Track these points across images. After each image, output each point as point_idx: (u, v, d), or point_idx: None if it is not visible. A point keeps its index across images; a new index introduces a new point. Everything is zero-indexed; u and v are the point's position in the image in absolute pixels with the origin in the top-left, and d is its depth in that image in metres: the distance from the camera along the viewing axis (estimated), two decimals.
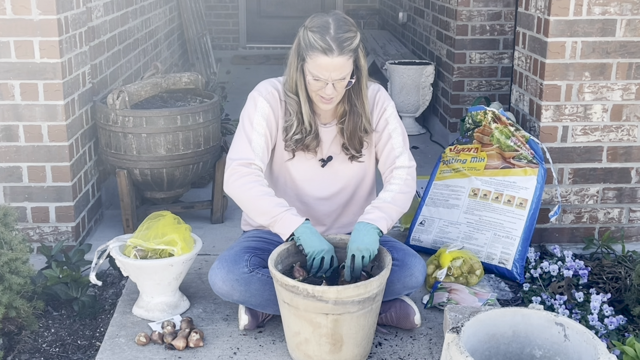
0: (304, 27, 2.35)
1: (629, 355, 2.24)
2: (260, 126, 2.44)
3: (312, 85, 2.36)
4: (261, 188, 2.37)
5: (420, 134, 5.42)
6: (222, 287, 2.46)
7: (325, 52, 2.27)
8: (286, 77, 2.45)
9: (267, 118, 2.46)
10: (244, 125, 2.46)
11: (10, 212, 2.57)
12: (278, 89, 2.49)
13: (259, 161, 2.42)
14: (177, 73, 3.76)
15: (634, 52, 3.09)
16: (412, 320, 2.53)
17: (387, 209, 2.40)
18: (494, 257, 3.03)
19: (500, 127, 3.21)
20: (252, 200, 2.37)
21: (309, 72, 2.34)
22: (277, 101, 2.48)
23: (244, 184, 2.37)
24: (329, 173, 2.57)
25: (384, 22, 8.43)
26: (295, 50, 2.38)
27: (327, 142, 2.53)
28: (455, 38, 4.75)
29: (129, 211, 3.37)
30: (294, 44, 2.38)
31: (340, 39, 2.28)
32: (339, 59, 2.28)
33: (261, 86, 2.51)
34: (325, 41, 2.27)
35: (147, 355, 2.42)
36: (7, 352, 2.48)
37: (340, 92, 2.38)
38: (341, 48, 2.28)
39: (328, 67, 2.29)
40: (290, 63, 2.41)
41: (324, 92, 2.34)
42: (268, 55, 8.83)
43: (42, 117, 3.05)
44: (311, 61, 2.31)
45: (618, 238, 3.28)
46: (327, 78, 2.31)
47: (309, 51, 2.30)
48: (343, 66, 2.30)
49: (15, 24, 2.93)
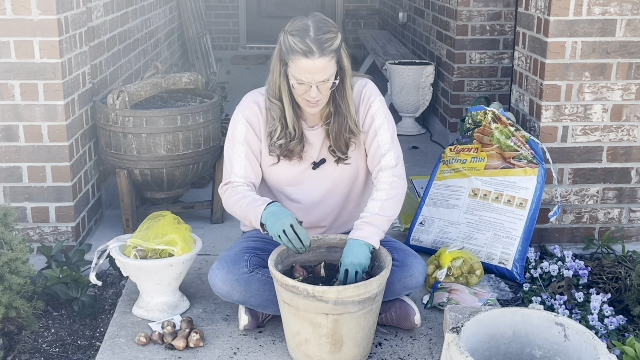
0: (283, 32, 2.34)
1: (629, 355, 2.24)
2: (239, 148, 2.49)
3: (296, 90, 2.35)
4: (236, 197, 2.42)
5: (420, 134, 5.42)
6: (222, 288, 2.46)
7: (307, 55, 2.25)
8: (269, 83, 2.44)
9: (246, 137, 2.49)
10: (226, 148, 2.54)
11: (10, 212, 2.57)
12: (258, 101, 2.50)
13: (236, 177, 2.47)
14: (177, 73, 3.76)
15: (634, 52, 3.09)
16: (412, 320, 2.53)
17: (376, 222, 2.37)
18: (494, 257, 3.03)
19: (500, 127, 3.21)
20: (235, 209, 2.44)
21: (292, 76, 2.32)
22: (257, 114, 2.49)
23: (226, 200, 2.47)
24: (318, 176, 2.55)
25: (384, 22, 8.43)
26: (277, 55, 2.37)
27: (317, 144, 2.51)
28: (455, 38, 4.75)
29: (129, 211, 3.37)
30: (276, 49, 2.37)
31: (320, 41, 2.26)
32: (320, 61, 2.26)
33: (243, 102, 2.53)
34: (306, 44, 2.25)
35: (147, 355, 2.42)
36: (7, 352, 2.48)
37: (325, 94, 2.36)
38: (322, 49, 2.26)
39: (310, 69, 2.27)
40: (273, 68, 2.40)
41: (309, 95, 2.33)
42: (268, 55, 8.76)
43: (42, 117, 3.05)
44: (293, 65, 2.29)
45: (618, 238, 3.28)
46: (311, 81, 2.29)
47: (290, 55, 2.28)
48: (325, 68, 2.28)
49: (15, 24, 2.93)
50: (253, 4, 9.22)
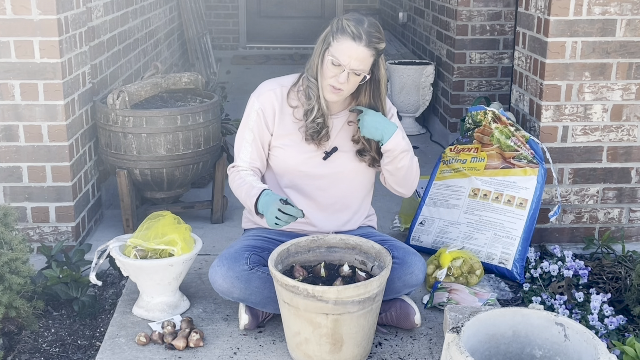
0: (338, 18, 2.44)
1: (629, 355, 2.24)
2: (249, 134, 2.56)
3: (328, 71, 2.41)
4: (238, 181, 2.51)
5: (420, 134, 5.42)
6: (222, 285, 2.46)
7: (354, 38, 2.35)
8: (309, 63, 2.52)
9: (256, 124, 2.55)
10: (239, 130, 2.61)
11: (10, 212, 2.57)
12: (274, 88, 2.56)
13: (241, 162, 2.56)
14: (177, 73, 3.76)
15: (634, 52, 3.09)
16: (412, 320, 2.53)
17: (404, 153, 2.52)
18: (494, 257, 3.03)
19: (500, 127, 3.21)
20: (236, 194, 2.54)
21: (330, 55, 2.39)
22: (272, 102, 2.54)
23: (231, 183, 2.56)
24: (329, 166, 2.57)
25: (384, 22, 8.43)
26: (323, 37, 2.45)
27: (334, 132, 2.56)
28: (455, 38, 4.75)
29: (129, 211, 3.37)
30: (324, 32, 2.46)
31: (370, 34, 2.37)
32: (363, 50, 2.35)
33: (259, 88, 2.61)
34: (357, 29, 2.36)
35: (147, 355, 2.42)
36: (7, 352, 2.48)
37: (351, 85, 2.43)
38: (369, 41, 2.36)
39: (351, 53, 2.35)
40: (315, 50, 2.48)
41: (337, 80, 2.39)
42: (268, 55, 8.83)
43: (42, 117, 3.05)
44: (337, 44, 2.37)
45: (618, 238, 3.28)
46: (347, 64, 2.36)
47: (339, 34, 2.37)
48: (365, 59, 2.37)
49: (15, 24, 2.93)
50: (253, 4, 9.22)
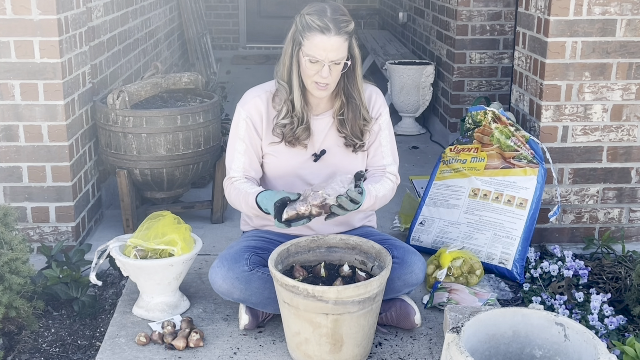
0: (299, 14, 2.40)
1: (629, 355, 2.24)
2: (240, 145, 2.53)
3: (308, 70, 2.37)
4: (234, 192, 2.47)
5: (420, 134, 5.42)
6: (222, 286, 2.46)
7: (323, 31, 2.31)
8: (279, 65, 2.48)
9: (246, 133, 2.51)
10: (229, 143, 2.58)
11: (10, 212, 2.57)
12: (259, 94, 2.53)
13: (235, 173, 2.52)
14: (177, 73, 3.76)
15: (634, 52, 3.09)
16: (412, 320, 2.53)
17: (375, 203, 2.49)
18: (494, 257, 3.03)
19: (500, 127, 3.21)
20: (236, 206, 2.50)
21: (305, 55, 2.36)
22: (259, 108, 2.51)
23: (228, 196, 2.53)
24: (319, 168, 2.56)
25: (384, 22, 8.43)
26: (291, 37, 2.41)
27: (321, 134, 2.53)
28: (455, 38, 4.75)
29: (129, 211, 3.37)
30: (290, 32, 2.42)
31: (337, 20, 2.34)
32: (335, 39, 2.32)
33: (244, 97, 2.57)
34: (323, 21, 2.32)
35: (147, 355, 2.42)
36: (7, 352, 2.48)
37: (335, 77, 2.40)
38: (338, 28, 2.33)
39: (325, 46, 2.32)
40: (285, 51, 2.44)
41: (320, 75, 2.36)
42: (268, 55, 8.83)
43: (42, 117, 3.05)
44: (308, 42, 2.34)
45: (618, 238, 3.28)
46: (324, 58, 2.33)
47: (306, 32, 2.33)
48: (340, 47, 2.34)
49: (15, 24, 2.93)
50: (253, 4, 9.22)
